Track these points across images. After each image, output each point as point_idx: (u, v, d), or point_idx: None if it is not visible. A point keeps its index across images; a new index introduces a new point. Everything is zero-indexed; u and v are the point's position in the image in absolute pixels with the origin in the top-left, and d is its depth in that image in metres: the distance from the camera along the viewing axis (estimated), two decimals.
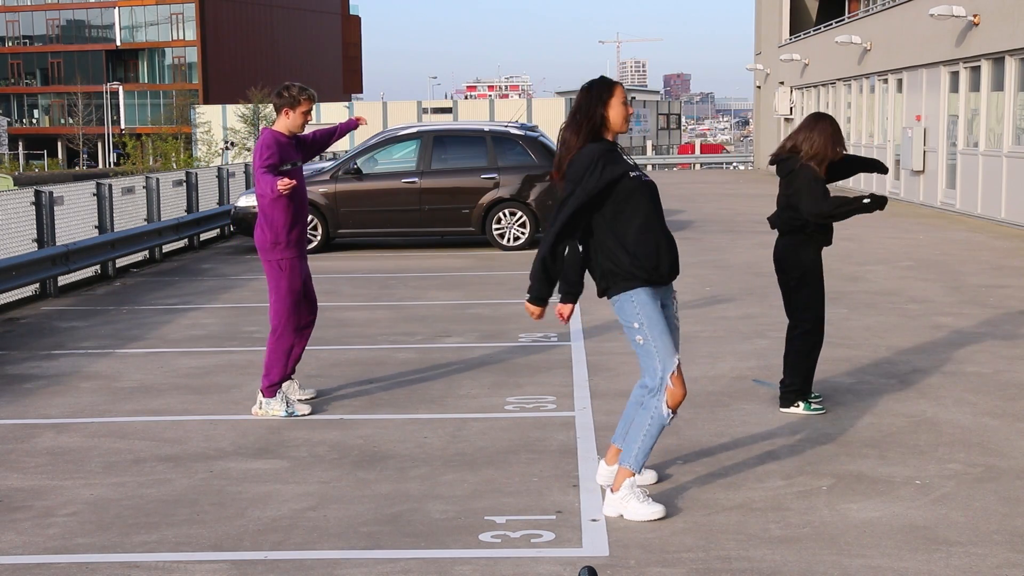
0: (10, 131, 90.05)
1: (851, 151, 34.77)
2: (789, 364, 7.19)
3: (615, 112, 5.38)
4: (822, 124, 7.06)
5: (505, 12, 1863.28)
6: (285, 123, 7.35)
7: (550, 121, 63.85)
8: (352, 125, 8.05)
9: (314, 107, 7.43)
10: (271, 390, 7.36)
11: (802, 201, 7.00)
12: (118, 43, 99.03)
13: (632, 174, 5.37)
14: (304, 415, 7.33)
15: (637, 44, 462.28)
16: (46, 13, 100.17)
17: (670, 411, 5.32)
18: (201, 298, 12.80)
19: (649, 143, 74.25)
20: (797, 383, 7.16)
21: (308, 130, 7.82)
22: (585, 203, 5.26)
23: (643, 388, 5.40)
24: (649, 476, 5.79)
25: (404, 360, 9.03)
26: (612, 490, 5.41)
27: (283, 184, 7.01)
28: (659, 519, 5.29)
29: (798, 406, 7.15)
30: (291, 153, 7.37)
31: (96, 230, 14.80)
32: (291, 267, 7.34)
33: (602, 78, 5.50)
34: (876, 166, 7.59)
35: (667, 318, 5.40)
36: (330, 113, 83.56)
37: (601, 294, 5.49)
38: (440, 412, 7.38)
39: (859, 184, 29.88)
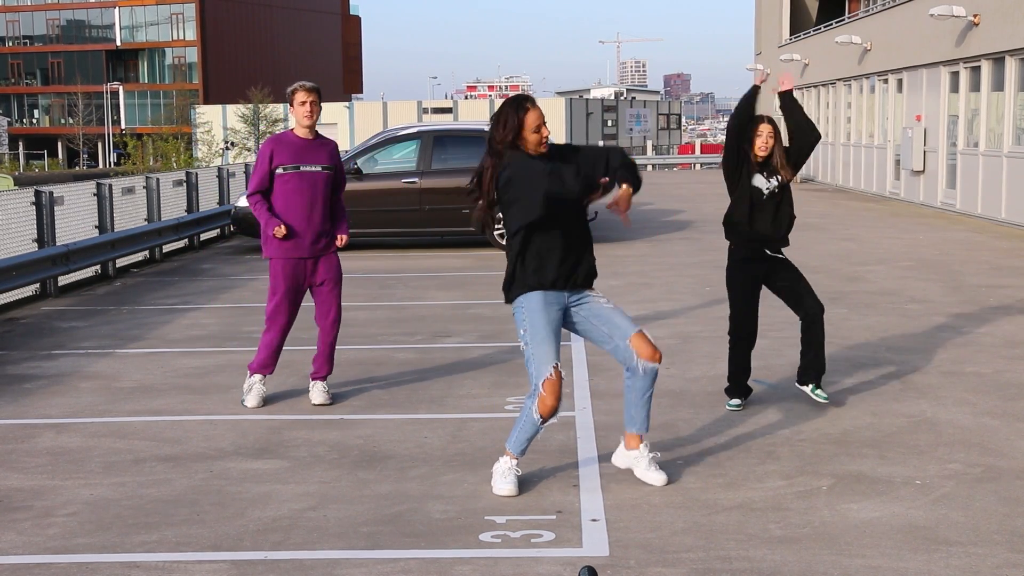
0: (10, 131, 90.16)
1: (851, 151, 34.47)
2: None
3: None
4: None
5: (505, 12, 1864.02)
6: (295, 122, 7.49)
7: (550, 121, 63.85)
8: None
9: (317, 96, 7.43)
10: (251, 369, 7.67)
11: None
12: (118, 43, 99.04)
13: None
14: (248, 406, 7.52)
15: (637, 44, 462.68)
16: (46, 13, 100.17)
17: (540, 418, 5.57)
18: (201, 298, 12.80)
19: (649, 143, 74.21)
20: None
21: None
22: None
23: (628, 373, 5.73)
24: (660, 478, 5.79)
25: (404, 360, 9.03)
26: (626, 447, 5.82)
27: (277, 231, 7.35)
28: (663, 485, 5.67)
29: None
30: (296, 155, 7.41)
31: (96, 230, 14.81)
32: (272, 266, 7.53)
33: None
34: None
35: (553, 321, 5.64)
36: (330, 113, 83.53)
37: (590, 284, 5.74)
38: (440, 412, 7.38)
39: (860, 183, 29.88)
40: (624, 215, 5.58)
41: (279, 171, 7.39)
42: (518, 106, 5.58)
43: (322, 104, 7.52)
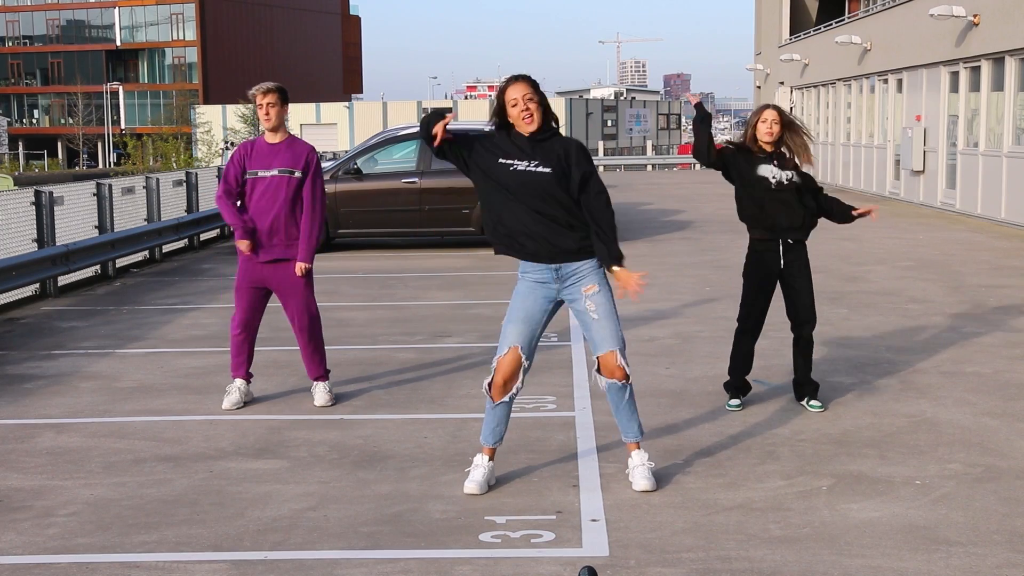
0: (10, 131, 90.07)
1: (851, 151, 34.29)
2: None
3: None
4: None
5: (505, 12, 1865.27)
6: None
7: None
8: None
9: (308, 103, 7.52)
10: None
11: None
12: (118, 43, 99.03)
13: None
14: (224, 408, 7.51)
15: (637, 44, 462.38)
16: (46, 13, 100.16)
17: (488, 392, 5.67)
18: (201, 298, 12.80)
19: (649, 143, 74.22)
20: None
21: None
22: None
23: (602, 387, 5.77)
24: (644, 485, 5.75)
25: (404, 360, 9.03)
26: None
27: (240, 244, 7.38)
28: (651, 490, 5.63)
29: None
30: (256, 161, 7.34)
31: (96, 230, 14.80)
32: (239, 261, 7.55)
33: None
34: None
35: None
36: (330, 113, 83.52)
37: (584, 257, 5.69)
38: (440, 412, 7.38)
39: (859, 183, 29.89)
40: (632, 292, 5.59)
41: (245, 177, 7.39)
42: (506, 81, 5.74)
43: (288, 103, 7.34)
